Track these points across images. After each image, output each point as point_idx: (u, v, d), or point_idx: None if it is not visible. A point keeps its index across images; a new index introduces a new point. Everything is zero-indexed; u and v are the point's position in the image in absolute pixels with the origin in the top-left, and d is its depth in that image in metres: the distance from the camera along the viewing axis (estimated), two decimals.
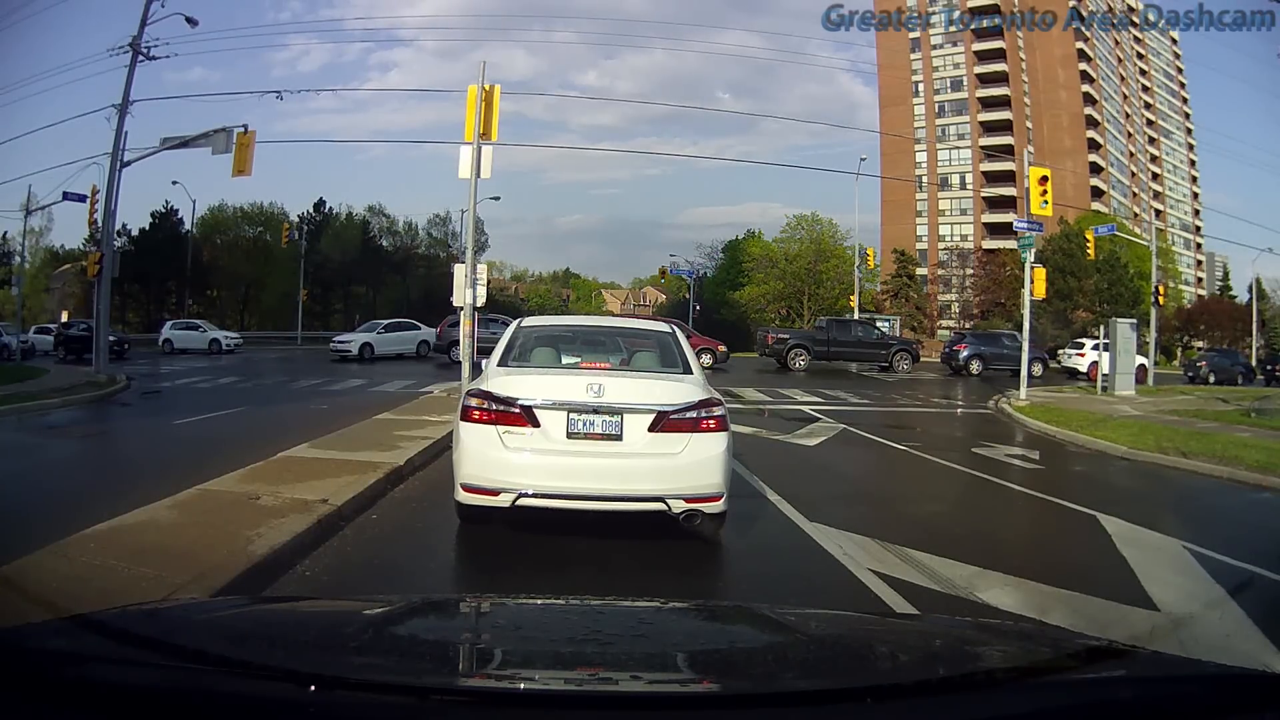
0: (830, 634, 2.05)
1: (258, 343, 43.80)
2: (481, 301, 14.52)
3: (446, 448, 9.51)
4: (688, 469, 5.30)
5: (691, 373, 5.98)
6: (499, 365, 5.99)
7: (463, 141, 14.18)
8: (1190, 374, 35.21)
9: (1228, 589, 5.15)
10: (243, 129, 19.67)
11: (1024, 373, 19.95)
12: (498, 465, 5.26)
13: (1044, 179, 19.99)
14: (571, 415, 5.32)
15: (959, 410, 19.00)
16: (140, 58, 25.94)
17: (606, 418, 5.32)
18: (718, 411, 5.48)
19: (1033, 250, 20.18)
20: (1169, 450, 11.39)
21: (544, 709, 1.30)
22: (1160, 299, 33.21)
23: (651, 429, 5.32)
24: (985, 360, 30.15)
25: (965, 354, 30.65)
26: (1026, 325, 20.58)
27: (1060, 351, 34.98)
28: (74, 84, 65.01)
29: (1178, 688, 1.51)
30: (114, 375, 20.19)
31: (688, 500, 5.32)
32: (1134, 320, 25.00)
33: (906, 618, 3.88)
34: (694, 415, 5.38)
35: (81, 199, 26.43)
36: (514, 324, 6.82)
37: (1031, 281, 20.07)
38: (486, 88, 14.25)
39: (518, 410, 5.31)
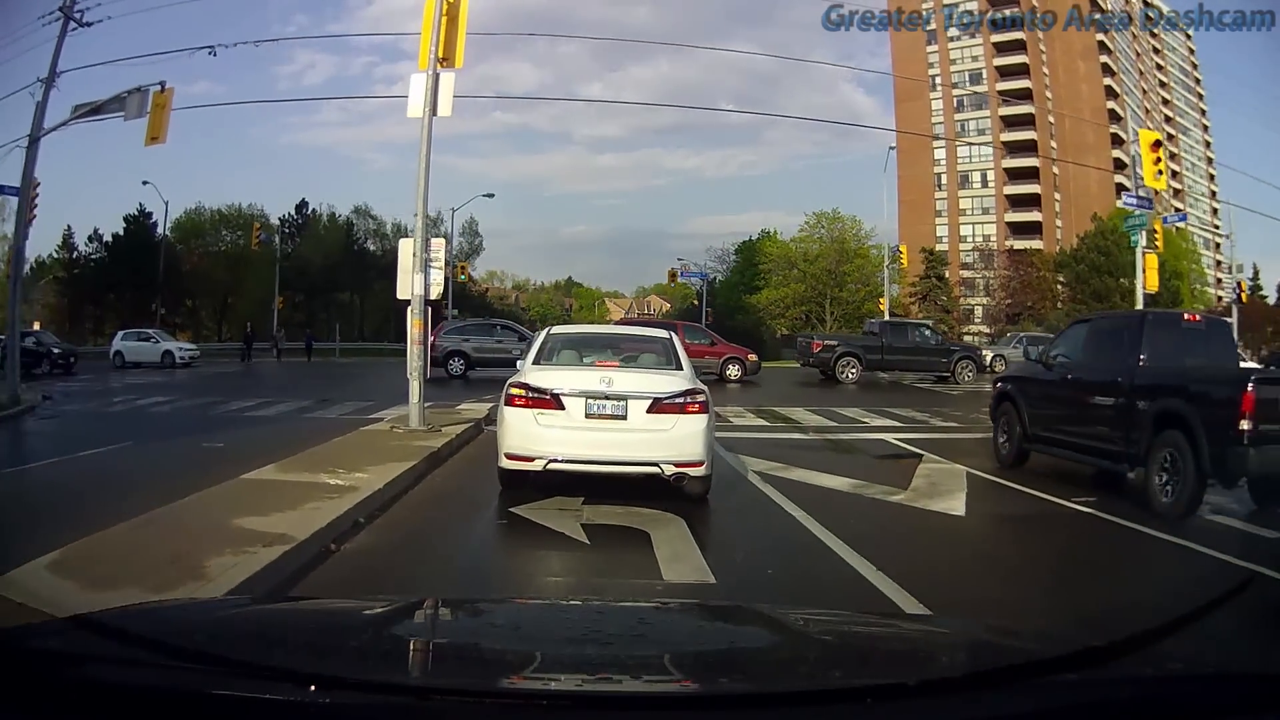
0: (831, 634, 2.01)
1: (234, 354, 40.35)
2: (436, 294, 10.37)
3: (322, 556, 5.27)
4: (676, 441, 7.00)
5: (682, 369, 7.66)
6: (534, 364, 7.65)
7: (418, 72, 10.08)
8: None
9: None
10: (159, 87, 15.86)
11: None
12: (533, 438, 7.04)
13: (1156, 144, 16.30)
14: (589, 400, 7.10)
15: None
16: (71, 24, 22.70)
17: (615, 402, 7.08)
18: (700, 398, 7.22)
19: (1144, 232, 16.28)
20: None
21: (544, 709, 1.27)
22: (1242, 295, 29.27)
23: (649, 411, 7.07)
24: None
25: None
26: None
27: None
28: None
29: (1179, 688, 1.46)
30: (19, 395, 17.02)
31: (677, 465, 7.01)
32: (1231, 320, 21.39)
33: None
34: (681, 401, 7.14)
35: (14, 192, 23.08)
36: (545, 331, 8.92)
37: (1144, 271, 16.14)
38: None
39: (549, 396, 7.11)
